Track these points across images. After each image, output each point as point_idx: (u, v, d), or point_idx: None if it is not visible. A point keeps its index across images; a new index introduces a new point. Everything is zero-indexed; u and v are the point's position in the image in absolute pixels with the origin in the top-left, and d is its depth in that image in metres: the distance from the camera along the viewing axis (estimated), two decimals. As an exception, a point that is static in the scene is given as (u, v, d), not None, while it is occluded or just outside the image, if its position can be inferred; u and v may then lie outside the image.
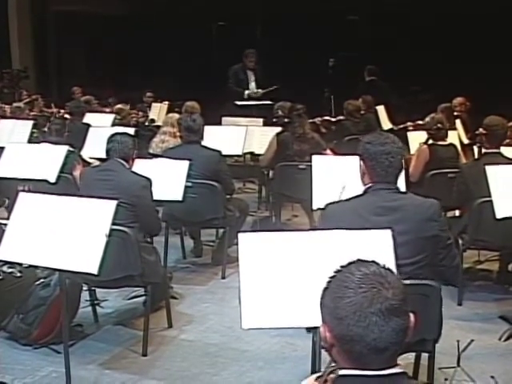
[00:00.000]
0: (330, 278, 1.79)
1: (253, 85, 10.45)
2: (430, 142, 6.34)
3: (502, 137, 5.40)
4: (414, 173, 6.16)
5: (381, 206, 3.30)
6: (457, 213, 6.17)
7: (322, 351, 3.04)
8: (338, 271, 1.79)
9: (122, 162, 4.70)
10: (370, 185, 3.37)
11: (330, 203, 3.43)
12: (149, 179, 4.68)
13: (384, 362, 1.73)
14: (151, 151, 7.28)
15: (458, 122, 8.19)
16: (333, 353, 1.79)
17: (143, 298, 4.70)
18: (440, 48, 12.29)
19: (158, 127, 8.66)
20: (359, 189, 3.46)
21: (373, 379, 1.71)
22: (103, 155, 4.97)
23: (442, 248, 3.38)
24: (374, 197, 3.34)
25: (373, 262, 1.80)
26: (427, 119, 6.48)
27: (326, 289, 1.79)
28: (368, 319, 1.68)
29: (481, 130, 5.49)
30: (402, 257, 3.09)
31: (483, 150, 5.53)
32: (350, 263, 1.80)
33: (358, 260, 1.80)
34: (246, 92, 10.33)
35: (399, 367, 1.76)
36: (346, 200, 3.42)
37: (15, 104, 9.39)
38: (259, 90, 10.34)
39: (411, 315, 1.77)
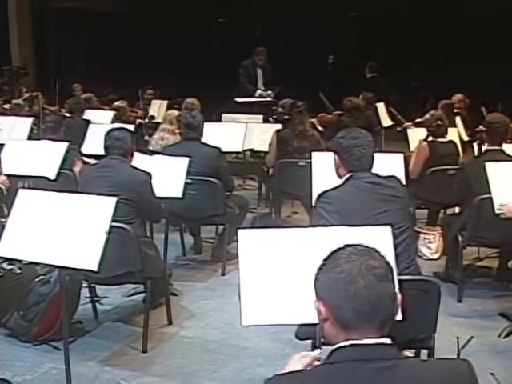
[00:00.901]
0: (323, 260, 1.95)
1: (260, 83, 10.47)
2: (430, 138, 6.34)
3: (503, 134, 5.39)
4: (414, 170, 6.16)
5: (371, 181, 3.59)
6: (457, 210, 6.17)
7: (322, 348, 3.05)
8: (331, 252, 1.96)
9: (122, 158, 4.70)
10: (349, 174, 3.64)
11: (326, 191, 3.61)
12: (148, 173, 4.69)
13: (374, 331, 1.84)
14: (151, 148, 7.28)
15: (457, 119, 8.19)
16: (326, 327, 1.91)
17: (143, 294, 4.71)
18: (440, 44, 12.29)
19: (158, 124, 8.65)
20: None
21: (363, 347, 1.82)
22: (102, 152, 4.98)
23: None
24: (359, 179, 3.60)
25: (359, 244, 1.96)
26: (427, 116, 6.48)
27: (320, 268, 1.94)
28: (357, 284, 1.83)
29: (481, 127, 5.50)
30: (401, 223, 3.47)
31: (485, 147, 5.52)
32: (338, 247, 1.97)
33: (345, 244, 1.97)
34: (258, 92, 10.34)
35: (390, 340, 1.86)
36: (334, 188, 3.63)
37: (14, 101, 9.32)
38: (270, 92, 10.35)
39: (398, 293, 1.92)
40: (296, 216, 7.60)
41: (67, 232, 3.49)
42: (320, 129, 8.42)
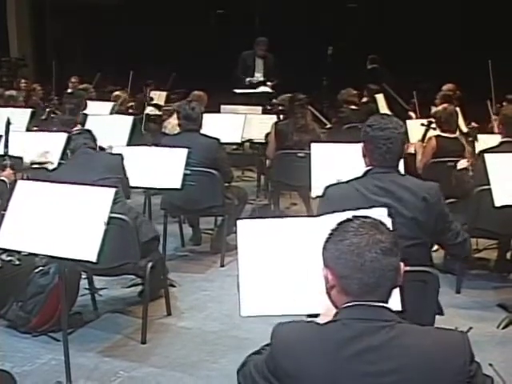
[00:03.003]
0: (332, 230, 2.06)
1: (258, 74, 10.44)
2: (436, 133, 6.27)
3: None
4: (422, 167, 6.10)
5: (380, 186, 3.31)
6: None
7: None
8: (339, 223, 2.07)
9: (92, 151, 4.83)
10: (369, 168, 3.40)
11: (330, 185, 3.45)
12: (120, 154, 4.90)
13: (377, 299, 1.98)
14: (167, 131, 7.28)
15: (457, 110, 8.14)
16: (333, 294, 2.05)
17: (141, 287, 4.72)
18: (441, 36, 12.25)
19: (158, 106, 8.63)
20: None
21: (366, 308, 1.96)
22: (101, 143, 4.99)
23: (442, 229, 3.39)
24: (372, 179, 3.35)
25: (368, 216, 2.08)
26: (439, 108, 6.45)
27: (329, 237, 2.06)
28: (364, 258, 1.96)
29: (473, 124, 5.45)
30: (406, 238, 3.15)
31: (501, 140, 5.46)
32: (347, 218, 2.08)
33: (355, 215, 2.09)
34: (247, 79, 10.31)
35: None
36: (346, 182, 3.44)
37: (7, 92, 9.16)
38: (269, 82, 10.30)
39: (401, 263, 2.03)
40: (295, 207, 7.60)
41: (66, 223, 3.49)
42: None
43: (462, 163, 5.52)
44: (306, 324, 2.08)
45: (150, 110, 9.25)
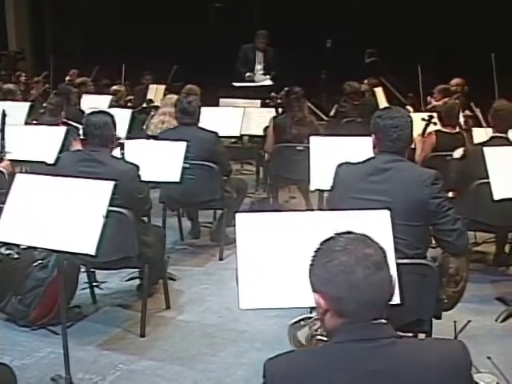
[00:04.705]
0: (315, 251, 1.94)
1: (259, 66, 10.41)
2: (436, 128, 6.26)
3: (510, 122, 5.35)
4: (421, 161, 6.09)
5: (377, 166, 3.50)
6: (450, 194, 6.13)
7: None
8: (321, 244, 1.94)
9: (102, 148, 4.40)
10: (377, 153, 3.58)
11: (342, 163, 3.63)
12: (136, 166, 4.44)
13: (374, 316, 1.88)
14: (149, 133, 7.24)
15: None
16: (326, 318, 1.93)
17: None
18: (441, 29, 12.23)
19: (157, 108, 8.59)
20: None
21: (362, 328, 1.86)
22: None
23: (438, 212, 3.45)
24: (375, 161, 3.54)
25: (349, 231, 1.97)
26: (440, 102, 6.43)
27: (313, 260, 1.94)
28: (357, 275, 1.85)
29: (467, 111, 5.43)
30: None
31: (492, 134, 5.46)
32: (329, 237, 1.96)
33: (335, 233, 1.97)
34: (248, 74, 10.29)
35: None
36: (358, 162, 3.59)
37: (5, 86, 9.09)
38: (267, 76, 10.27)
39: (393, 275, 1.94)
40: (294, 201, 7.60)
41: (65, 216, 3.49)
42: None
43: (459, 152, 5.51)
44: (296, 353, 2.00)
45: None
